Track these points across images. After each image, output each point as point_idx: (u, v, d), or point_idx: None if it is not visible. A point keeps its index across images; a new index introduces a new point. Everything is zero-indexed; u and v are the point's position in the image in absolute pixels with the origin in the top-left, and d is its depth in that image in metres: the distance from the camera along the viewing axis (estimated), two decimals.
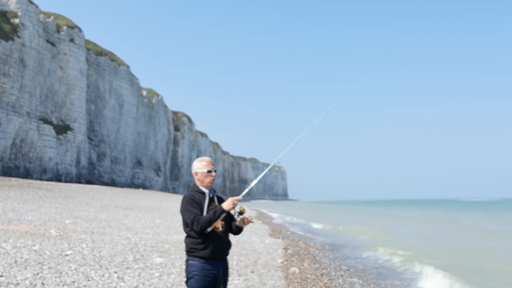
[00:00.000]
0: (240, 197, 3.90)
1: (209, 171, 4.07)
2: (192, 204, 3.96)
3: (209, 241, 3.88)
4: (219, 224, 3.92)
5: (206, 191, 4.09)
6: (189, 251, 3.94)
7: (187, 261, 3.97)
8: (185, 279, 4.02)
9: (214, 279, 3.91)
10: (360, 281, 10.24)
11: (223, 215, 3.85)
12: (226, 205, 3.84)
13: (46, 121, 58.25)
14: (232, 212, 3.93)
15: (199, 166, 4.12)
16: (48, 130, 57.66)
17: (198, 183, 4.13)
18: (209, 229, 3.85)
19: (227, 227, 4.04)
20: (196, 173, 4.12)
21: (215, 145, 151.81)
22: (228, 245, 4.04)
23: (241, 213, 3.96)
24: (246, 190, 4.18)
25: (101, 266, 8.54)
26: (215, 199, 4.11)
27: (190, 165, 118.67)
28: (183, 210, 3.98)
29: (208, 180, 4.08)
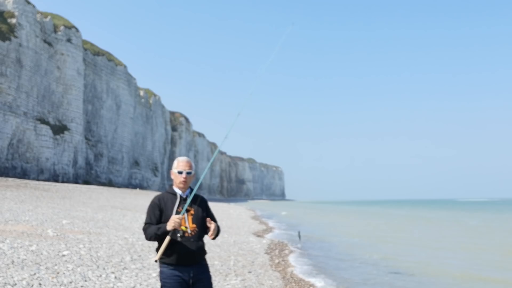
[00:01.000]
0: (182, 215, 3.72)
1: (179, 172, 3.91)
2: (152, 209, 3.87)
3: (175, 247, 3.75)
4: (187, 228, 3.79)
5: (178, 192, 3.93)
6: (159, 258, 3.81)
7: (159, 267, 3.88)
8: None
9: (186, 284, 3.80)
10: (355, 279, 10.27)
11: (166, 235, 3.71)
12: (168, 226, 3.70)
13: (43, 121, 58.12)
14: (178, 235, 3.74)
15: (174, 165, 3.97)
16: (45, 130, 57.54)
17: (174, 183, 4.00)
18: (160, 251, 3.75)
19: (199, 230, 3.86)
20: (172, 173, 3.99)
21: (213, 145, 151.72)
22: (198, 249, 3.84)
23: (182, 235, 3.76)
24: (195, 188, 3.95)
25: (98, 267, 8.53)
26: (188, 199, 3.89)
27: None
28: (146, 214, 3.94)
29: (178, 180, 3.92)
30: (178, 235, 3.75)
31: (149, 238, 3.80)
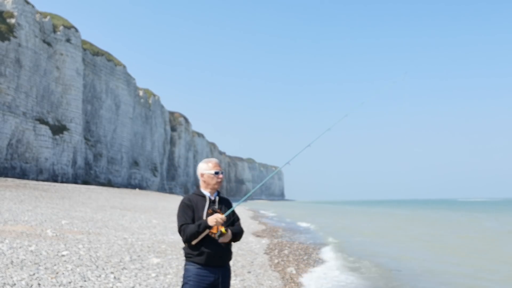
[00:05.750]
0: (224, 216, 3.74)
1: (216, 173, 3.93)
2: (185, 210, 3.85)
3: (205, 247, 3.77)
4: (217, 230, 3.77)
5: (207, 194, 3.94)
6: (186, 256, 3.85)
7: (184, 265, 3.89)
8: (181, 280, 3.97)
9: (211, 286, 3.80)
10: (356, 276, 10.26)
11: (207, 230, 3.73)
12: (210, 221, 3.71)
13: (42, 121, 58.07)
14: (217, 234, 3.76)
15: (206, 167, 3.97)
16: (44, 130, 57.49)
17: (203, 185, 3.98)
18: (194, 242, 3.75)
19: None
20: (202, 175, 3.96)
21: (212, 145, 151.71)
22: (226, 251, 3.89)
23: (221, 235, 3.78)
24: (240, 202, 4.03)
25: (97, 267, 8.52)
26: (217, 201, 3.95)
27: (186, 165, 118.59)
28: (177, 216, 3.90)
29: (214, 182, 3.93)
30: (217, 234, 3.76)
31: (189, 236, 3.75)
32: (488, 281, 10.74)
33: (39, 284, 6.72)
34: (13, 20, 54.91)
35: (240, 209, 52.49)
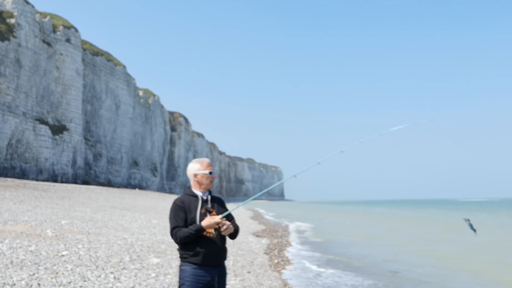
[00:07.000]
0: (218, 218, 3.74)
1: (210, 173, 3.93)
2: (177, 212, 3.83)
3: (201, 247, 3.75)
4: (212, 229, 3.78)
5: (199, 193, 3.92)
6: (182, 257, 3.82)
7: (180, 266, 3.86)
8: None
9: (208, 286, 3.78)
10: (356, 275, 10.26)
11: (201, 232, 3.74)
12: (205, 224, 3.72)
13: (42, 121, 58.06)
14: (210, 232, 3.79)
15: (199, 167, 3.96)
16: (44, 130, 57.48)
17: (195, 185, 3.95)
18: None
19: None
20: (196, 175, 3.94)
21: (212, 145, 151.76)
22: (222, 250, 3.88)
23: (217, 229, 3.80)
24: (240, 205, 4.10)
25: (97, 267, 8.52)
26: (209, 200, 3.93)
27: (186, 165, 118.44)
28: (169, 218, 3.88)
29: (208, 181, 3.93)
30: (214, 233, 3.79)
31: (183, 240, 3.75)
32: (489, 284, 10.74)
33: (39, 284, 6.72)
34: (13, 20, 54.89)
35: (240, 209, 52.40)
